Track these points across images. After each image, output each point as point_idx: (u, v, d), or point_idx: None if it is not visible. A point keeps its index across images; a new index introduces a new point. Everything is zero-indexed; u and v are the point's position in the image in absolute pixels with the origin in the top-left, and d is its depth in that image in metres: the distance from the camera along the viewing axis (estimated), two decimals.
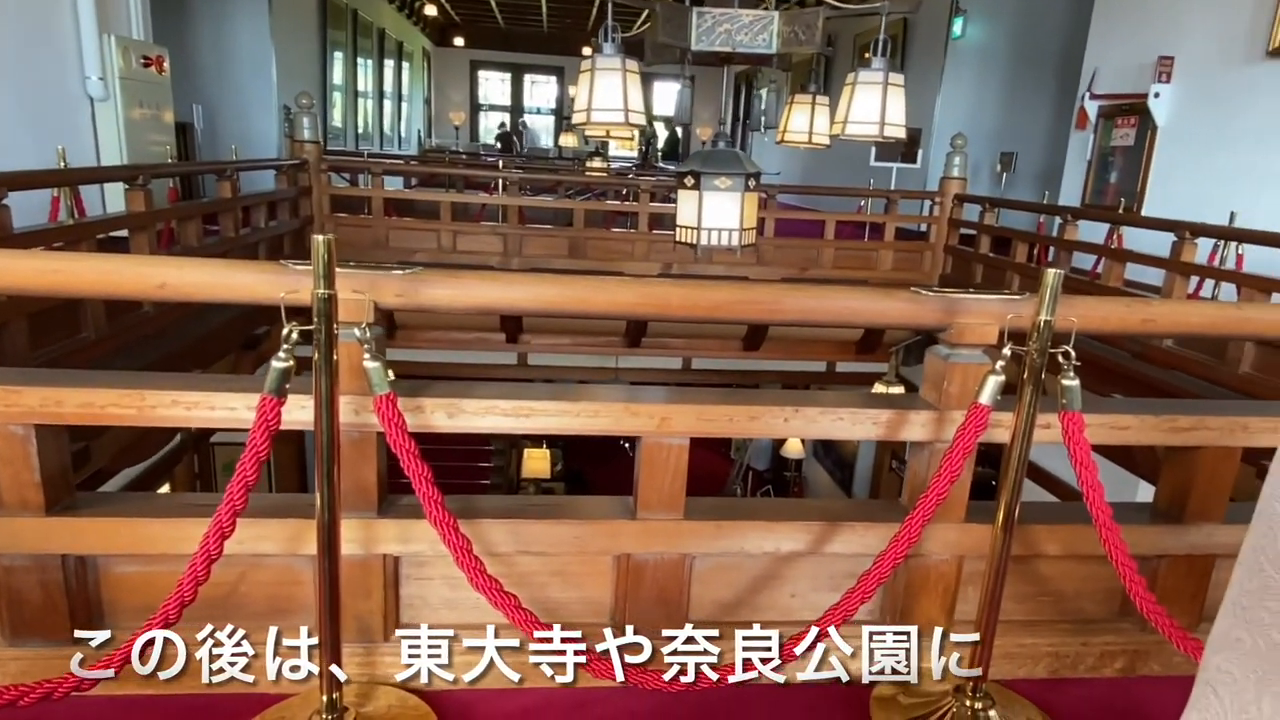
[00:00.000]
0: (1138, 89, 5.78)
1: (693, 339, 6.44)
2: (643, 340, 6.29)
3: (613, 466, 9.31)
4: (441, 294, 1.53)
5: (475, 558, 1.43)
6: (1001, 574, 1.58)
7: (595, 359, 6.74)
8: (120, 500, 1.70)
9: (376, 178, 6.25)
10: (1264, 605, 0.47)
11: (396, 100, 13.03)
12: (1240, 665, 0.48)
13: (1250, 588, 0.48)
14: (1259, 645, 0.47)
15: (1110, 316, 1.64)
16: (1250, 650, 0.47)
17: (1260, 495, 0.48)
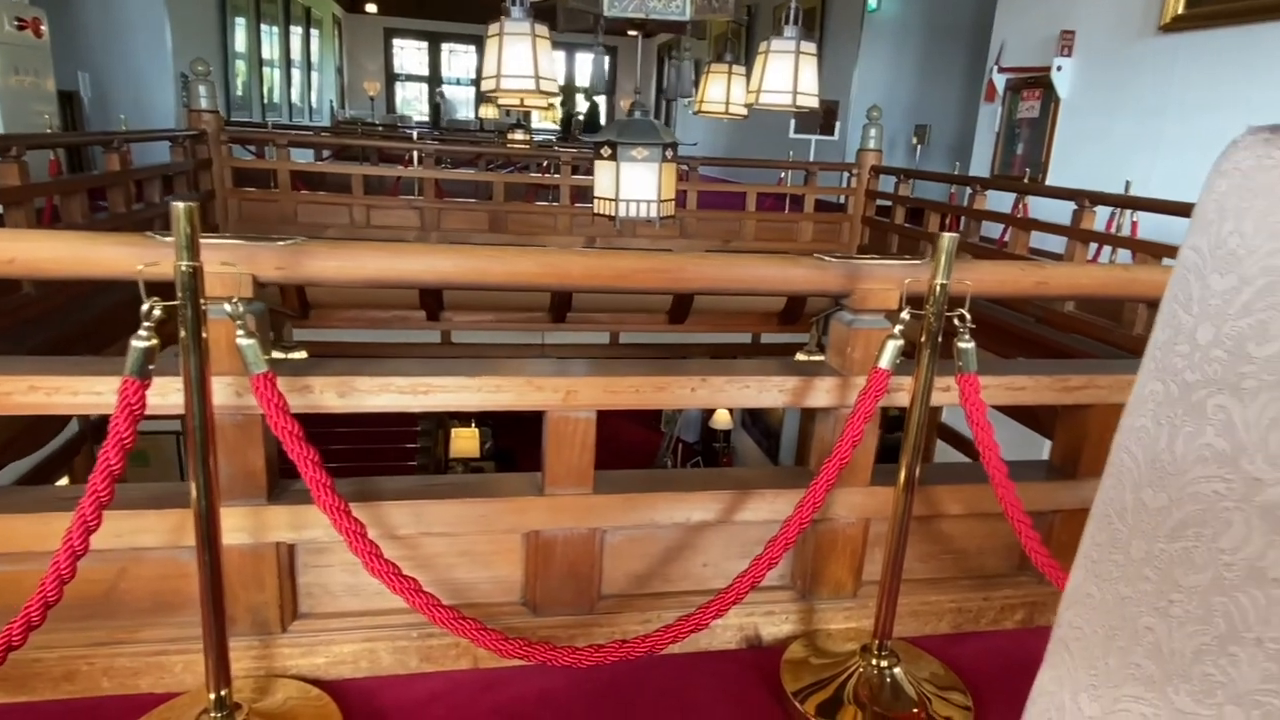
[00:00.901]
0: (1042, 62, 5.95)
1: (619, 313, 6.41)
2: (568, 315, 6.22)
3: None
4: (326, 266, 1.45)
5: (370, 542, 1.37)
6: (904, 535, 1.61)
7: (521, 335, 6.64)
8: None
9: (282, 150, 5.97)
10: (1111, 559, 0.46)
11: (305, 69, 12.44)
12: (1089, 620, 0.47)
13: (1100, 540, 0.48)
14: (1107, 599, 0.46)
15: (1005, 280, 1.68)
16: (1099, 605, 0.47)
17: (1111, 448, 0.48)
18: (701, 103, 4.40)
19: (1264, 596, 0.39)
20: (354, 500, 1.57)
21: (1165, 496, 0.43)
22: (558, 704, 1.62)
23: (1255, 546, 0.40)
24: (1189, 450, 0.42)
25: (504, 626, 1.71)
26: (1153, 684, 0.43)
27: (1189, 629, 0.42)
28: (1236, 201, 0.41)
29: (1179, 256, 0.45)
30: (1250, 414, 0.40)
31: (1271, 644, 0.39)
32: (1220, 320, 0.41)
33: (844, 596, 1.86)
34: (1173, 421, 0.43)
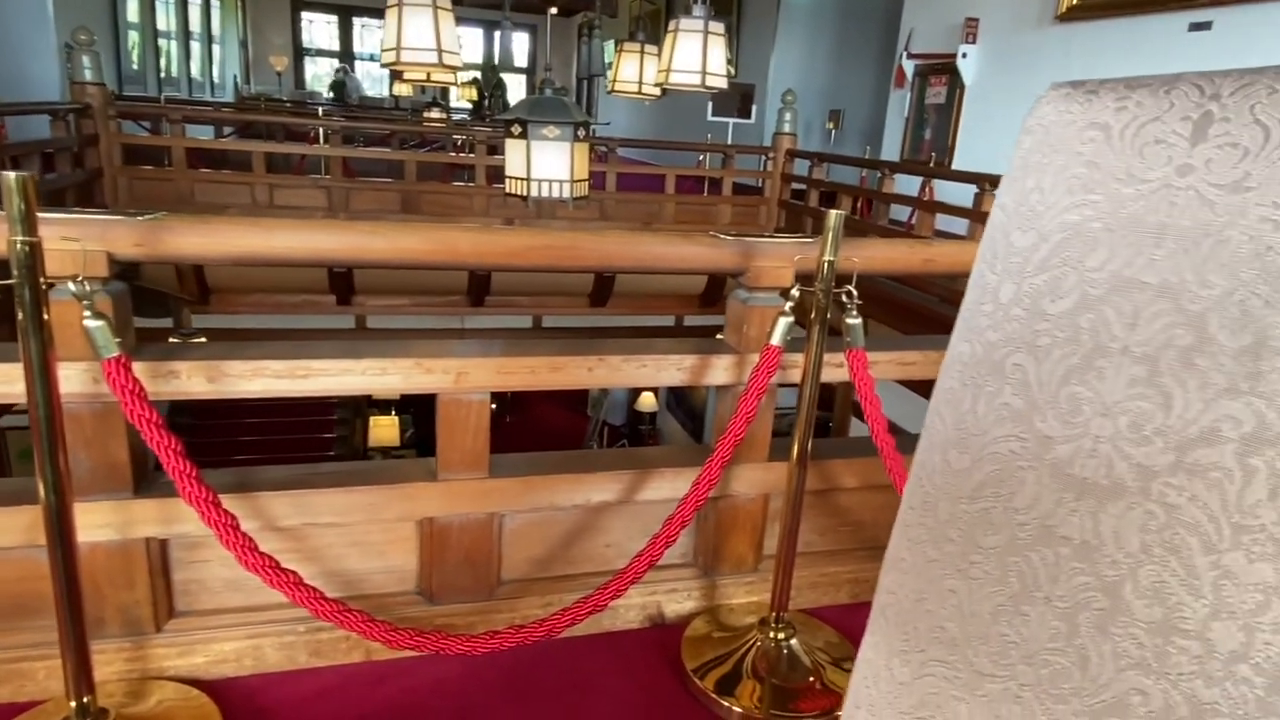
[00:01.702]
0: (948, 49, 6.12)
1: (541, 296, 6.34)
2: (487, 299, 6.11)
3: None
4: (190, 243, 1.36)
5: (243, 535, 1.30)
6: (798, 508, 1.63)
7: (441, 320, 6.49)
8: None
9: (176, 125, 5.64)
10: (922, 522, 0.46)
11: (206, 42, 11.76)
12: (902, 585, 0.47)
13: (913, 504, 0.47)
14: (917, 563, 0.46)
15: (894, 257, 1.71)
16: (910, 569, 0.47)
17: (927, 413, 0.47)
18: (615, 82, 4.35)
19: (1053, 555, 0.39)
20: (231, 491, 1.49)
21: (968, 458, 0.43)
22: (454, 693, 1.59)
23: (1045, 505, 0.40)
24: (989, 410, 0.42)
25: (399, 617, 1.67)
26: (955, 646, 0.43)
27: (987, 590, 0.42)
28: (1039, 157, 0.41)
29: (990, 217, 0.44)
30: (1044, 371, 0.40)
31: (1059, 602, 0.39)
32: (1020, 278, 0.41)
33: (745, 571, 1.88)
34: (976, 382, 0.43)
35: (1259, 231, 0.34)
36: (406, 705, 1.55)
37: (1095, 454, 0.38)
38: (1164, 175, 0.36)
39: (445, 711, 1.54)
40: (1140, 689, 0.36)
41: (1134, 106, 0.38)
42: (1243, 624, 0.34)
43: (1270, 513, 0.33)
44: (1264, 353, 0.33)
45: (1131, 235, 0.37)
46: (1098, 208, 0.38)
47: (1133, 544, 0.36)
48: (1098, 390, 0.38)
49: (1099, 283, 0.38)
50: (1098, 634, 0.37)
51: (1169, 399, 0.36)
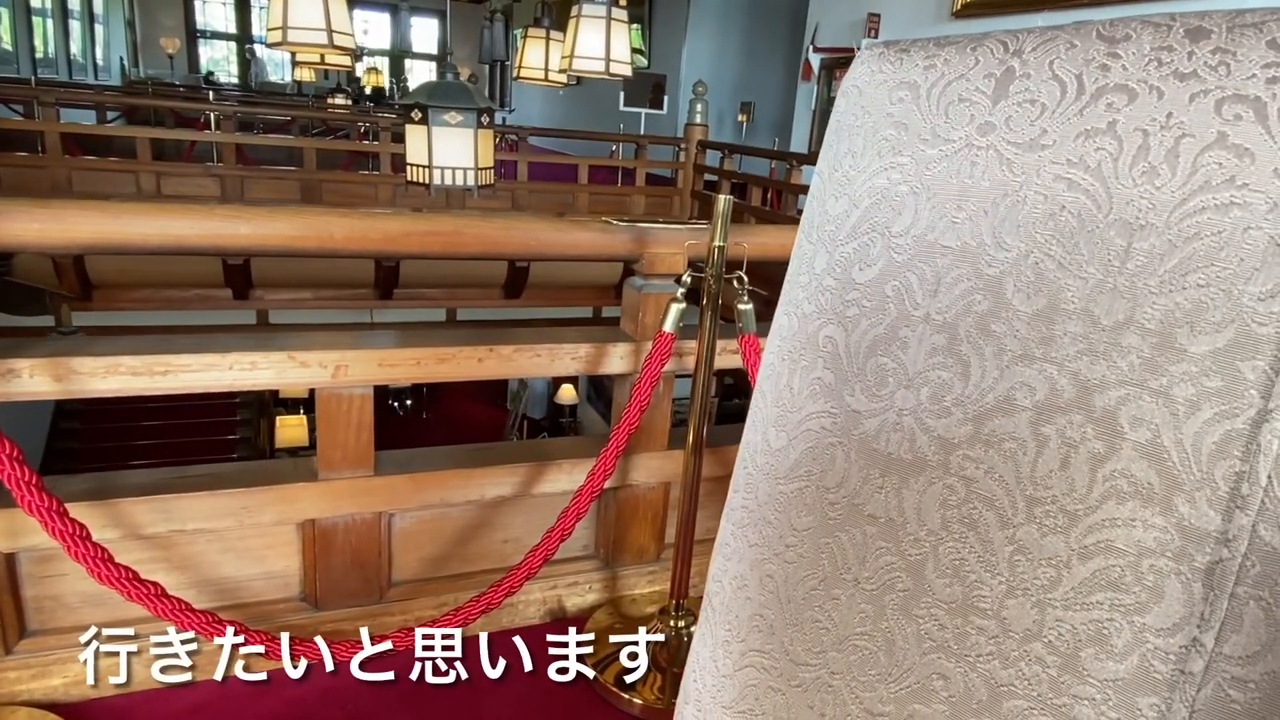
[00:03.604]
0: (852, 43, 6.26)
1: (452, 288, 6.17)
2: (396, 291, 5.92)
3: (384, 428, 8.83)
4: (28, 229, 1.24)
5: (94, 546, 1.20)
6: (695, 496, 1.62)
7: (347, 314, 6.26)
8: None
9: (49, 109, 5.25)
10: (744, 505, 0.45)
11: (87, 21, 10.98)
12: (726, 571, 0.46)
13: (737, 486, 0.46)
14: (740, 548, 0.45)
15: (786, 243, 1.71)
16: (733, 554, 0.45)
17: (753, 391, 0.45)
18: (520, 68, 4.27)
19: (861, 534, 0.38)
20: (87, 499, 1.38)
21: (785, 436, 0.41)
22: (342, 701, 1.52)
23: (854, 483, 0.38)
24: (804, 385, 0.40)
25: (280, 625, 1.58)
26: (773, 633, 0.41)
27: (802, 573, 0.40)
28: (852, 119, 0.39)
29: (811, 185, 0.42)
30: (852, 342, 0.38)
31: (867, 584, 0.38)
32: (833, 246, 0.39)
33: (647, 561, 1.87)
34: (793, 357, 0.41)
35: (1053, 190, 0.33)
36: (292, 717, 1.47)
37: (899, 427, 0.36)
38: (966, 135, 0.35)
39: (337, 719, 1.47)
40: (941, 672, 0.35)
41: (941, 64, 0.36)
42: (1035, 600, 0.33)
43: (1061, 483, 0.32)
44: (1056, 316, 0.32)
45: (935, 198, 0.36)
46: (904, 170, 0.36)
47: (934, 520, 0.35)
48: (901, 361, 0.36)
49: (904, 248, 0.36)
50: (902, 616, 0.36)
51: (967, 368, 0.34)
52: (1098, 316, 0.31)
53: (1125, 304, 0.31)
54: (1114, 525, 0.30)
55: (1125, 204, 0.31)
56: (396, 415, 9.87)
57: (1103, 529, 0.31)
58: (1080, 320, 0.31)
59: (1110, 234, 0.31)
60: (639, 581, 1.86)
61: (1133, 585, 0.30)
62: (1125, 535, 0.30)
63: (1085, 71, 0.33)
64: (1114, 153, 0.31)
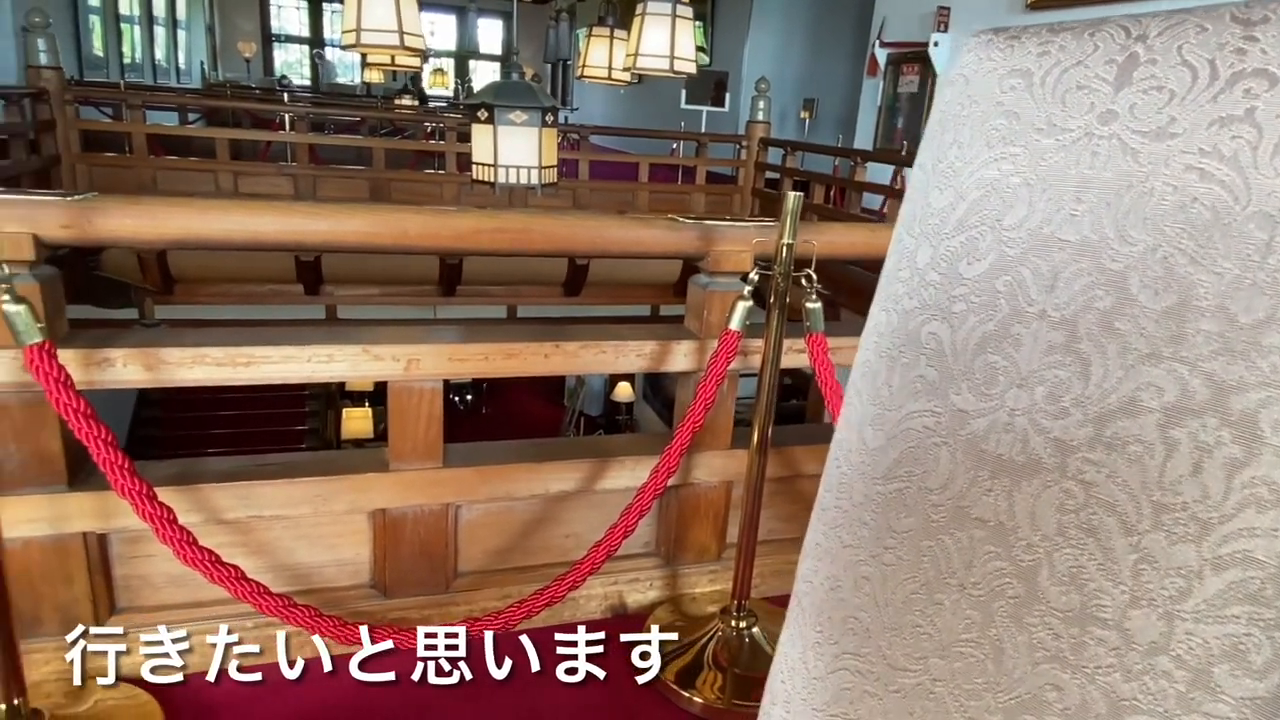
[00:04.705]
0: (920, 38, 6.11)
1: (514, 285, 6.25)
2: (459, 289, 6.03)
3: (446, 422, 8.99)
4: (122, 224, 1.30)
5: (180, 529, 1.25)
6: (759, 496, 1.60)
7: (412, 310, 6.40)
8: None
9: (136, 111, 5.50)
10: (837, 505, 0.43)
11: (171, 27, 11.49)
12: (818, 571, 0.44)
13: (829, 485, 0.45)
14: (832, 548, 0.43)
15: (856, 241, 1.69)
16: (825, 554, 0.44)
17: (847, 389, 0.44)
18: (584, 68, 4.29)
19: (967, 538, 0.36)
20: (173, 483, 1.44)
21: (883, 435, 0.40)
22: (407, 687, 1.54)
23: (960, 485, 0.37)
24: (904, 383, 0.39)
25: (352, 610, 1.63)
26: (869, 637, 0.40)
27: (901, 577, 0.39)
28: (958, 109, 0.38)
29: (911, 178, 0.41)
30: (959, 339, 0.37)
31: (974, 590, 0.36)
32: (937, 240, 0.38)
33: (708, 560, 1.86)
34: (891, 354, 0.40)
35: (1183, 182, 0.31)
36: (359, 701, 1.51)
37: (1011, 428, 0.35)
38: (1086, 124, 0.33)
39: (400, 707, 1.50)
40: (1056, 683, 0.33)
41: (1057, 51, 0.35)
42: (1163, 612, 0.31)
43: (1193, 489, 0.30)
44: (1188, 314, 0.31)
45: (1051, 190, 0.34)
46: (1017, 161, 0.35)
47: (1049, 525, 0.34)
48: (1014, 359, 0.35)
49: (1016, 242, 0.35)
50: (1012, 624, 0.35)
51: (1087, 367, 0.33)
52: (1235, 314, 0.29)
53: (1267, 301, 0.29)
54: (1253, 535, 0.29)
55: (1266, 196, 0.29)
56: (457, 410, 10.05)
57: (1240, 539, 0.29)
58: (1215, 318, 0.30)
59: (1249, 227, 0.29)
60: (699, 580, 1.86)
61: (1274, 599, 0.28)
62: (1266, 546, 0.28)
63: (1219, 56, 0.31)
64: (1252, 141, 0.30)
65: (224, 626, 1.54)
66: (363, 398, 9.16)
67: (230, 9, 12.97)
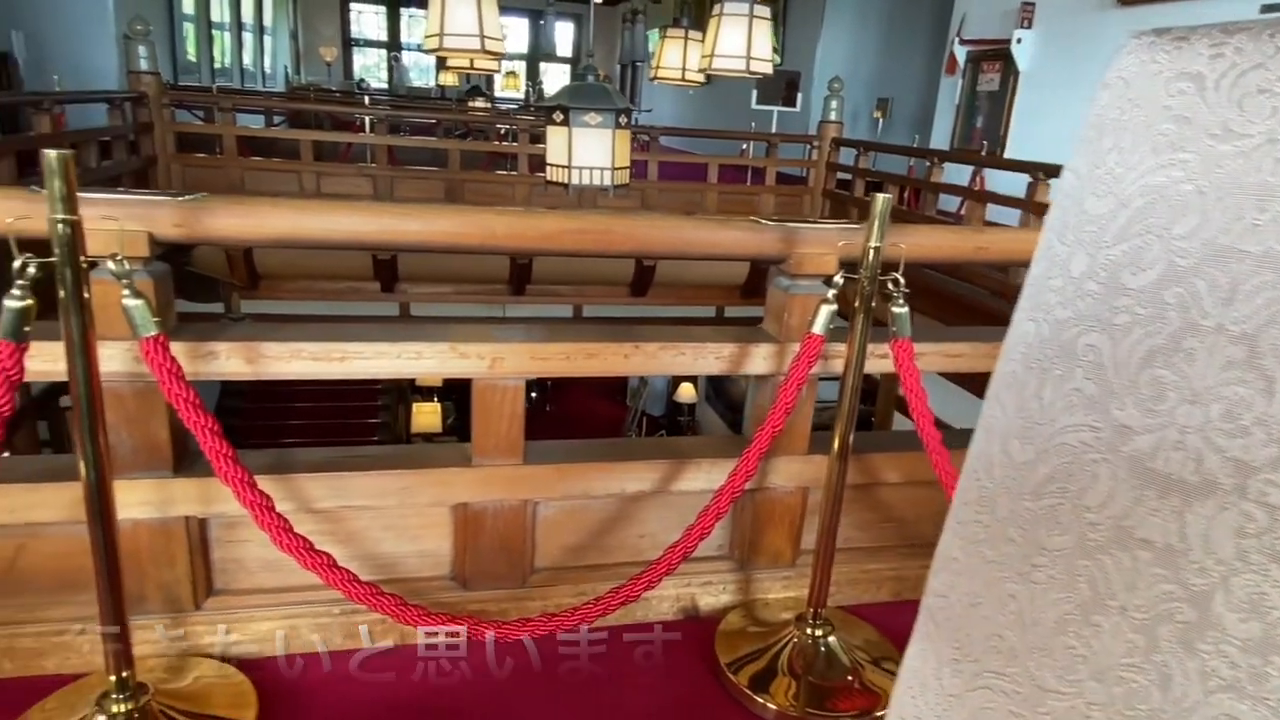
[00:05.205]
0: (1002, 35, 5.93)
1: (581, 285, 6.32)
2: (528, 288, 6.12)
3: None
4: (229, 224, 1.36)
5: (278, 516, 1.30)
6: (838, 503, 1.58)
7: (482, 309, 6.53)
8: None
9: (227, 114, 5.75)
10: (978, 519, 0.42)
11: (257, 33, 11.99)
12: (954, 587, 0.43)
13: (967, 499, 0.43)
14: (972, 564, 0.42)
15: (942, 244, 1.64)
16: (963, 570, 0.43)
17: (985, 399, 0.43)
18: (658, 69, 4.31)
19: (1129, 559, 0.35)
20: (267, 472, 1.50)
21: (1032, 449, 0.39)
22: (485, 678, 1.58)
23: (1122, 503, 0.35)
24: (1058, 396, 0.38)
25: (433, 601, 1.66)
26: (1014, 657, 0.39)
27: (1052, 596, 0.38)
28: (1118, 114, 0.36)
29: (1058, 183, 0.40)
30: (1121, 352, 0.35)
31: (1137, 613, 0.35)
32: (1095, 249, 0.36)
33: (782, 565, 1.84)
34: (1043, 365, 0.39)
35: None
36: (438, 689, 1.55)
37: (1182, 446, 0.33)
38: (1268, 129, 0.32)
39: (478, 697, 1.53)
40: (1233, 715, 0.32)
41: (1232, 53, 0.33)
42: None
43: None
44: None
45: (1229, 198, 0.32)
46: (1188, 168, 0.34)
47: (1226, 549, 0.32)
48: (1185, 374, 0.33)
49: (1189, 252, 0.33)
50: (1182, 650, 0.33)
51: (1271, 384, 0.31)
52: None
53: None
54: None
55: None
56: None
57: None
58: None
59: None
60: (773, 585, 1.84)
61: None
62: None
63: None
64: None
65: (313, 611, 1.61)
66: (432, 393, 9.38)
67: (313, 15, 13.45)
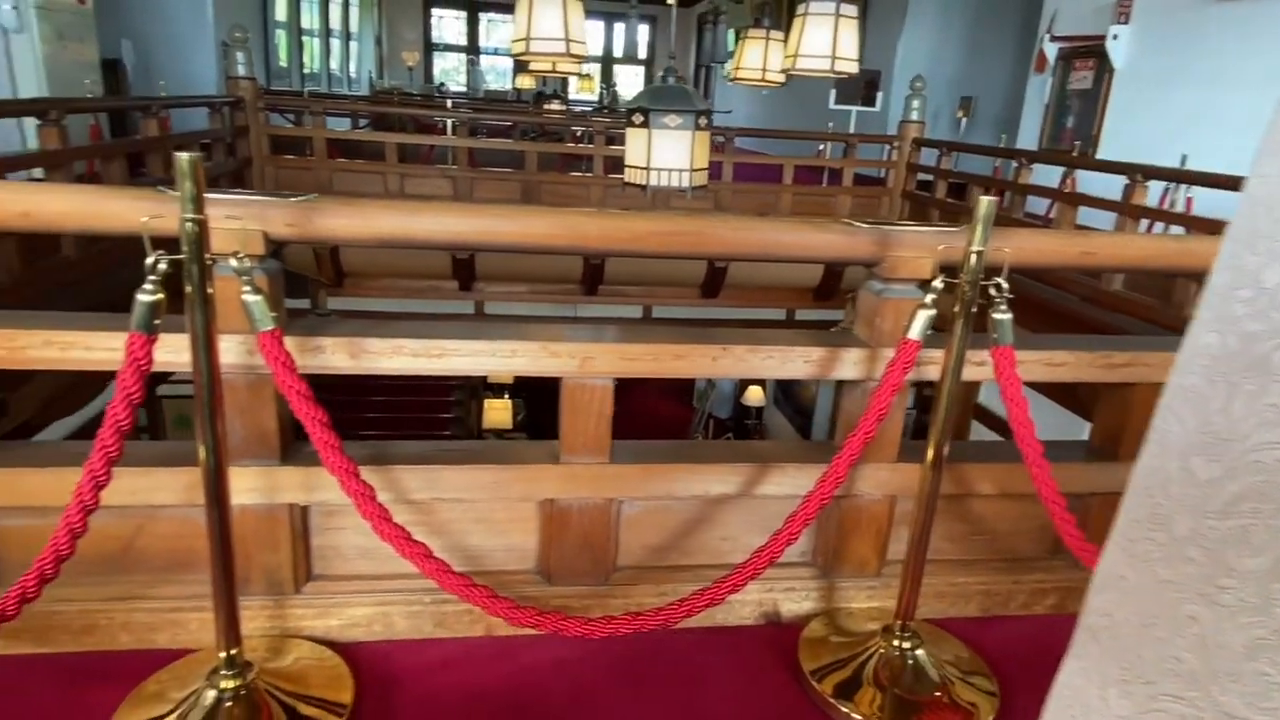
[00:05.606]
0: (1096, 31, 5.69)
1: (651, 286, 6.35)
2: (600, 288, 6.18)
3: None
4: (338, 224, 1.41)
5: (379, 505, 1.35)
6: (930, 513, 1.54)
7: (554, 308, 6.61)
8: (2, 450, 1.57)
9: (317, 117, 5.97)
10: (1150, 537, 0.40)
11: (344, 39, 12.44)
12: (1122, 607, 0.42)
13: (1137, 517, 0.42)
14: (1143, 583, 0.41)
15: (1046, 249, 1.59)
16: (1134, 589, 0.41)
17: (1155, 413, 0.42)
18: (737, 70, 4.29)
19: None
20: (367, 464, 1.55)
21: (1219, 466, 0.37)
22: (570, 674, 1.60)
23: None
24: (1250, 412, 0.36)
25: (518, 595, 1.69)
26: (1195, 681, 0.37)
27: (1242, 620, 0.36)
28: None
29: (1245, 189, 0.38)
30: None
31: None
32: None
33: (867, 575, 1.81)
34: (1230, 379, 0.37)
35: None
36: (524, 682, 1.57)
37: None
38: None
39: (561, 691, 1.56)
40: None
41: None
42: None
43: None
44: None
45: None
46: None
47: None
48: None
49: None
50: None
51: None
52: None
53: None
54: None
55: None
56: None
57: None
58: None
59: None
60: (857, 595, 1.81)
61: None
62: None
63: None
64: None
65: (404, 599, 1.66)
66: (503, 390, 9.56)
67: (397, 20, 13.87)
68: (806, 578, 1.81)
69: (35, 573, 1.29)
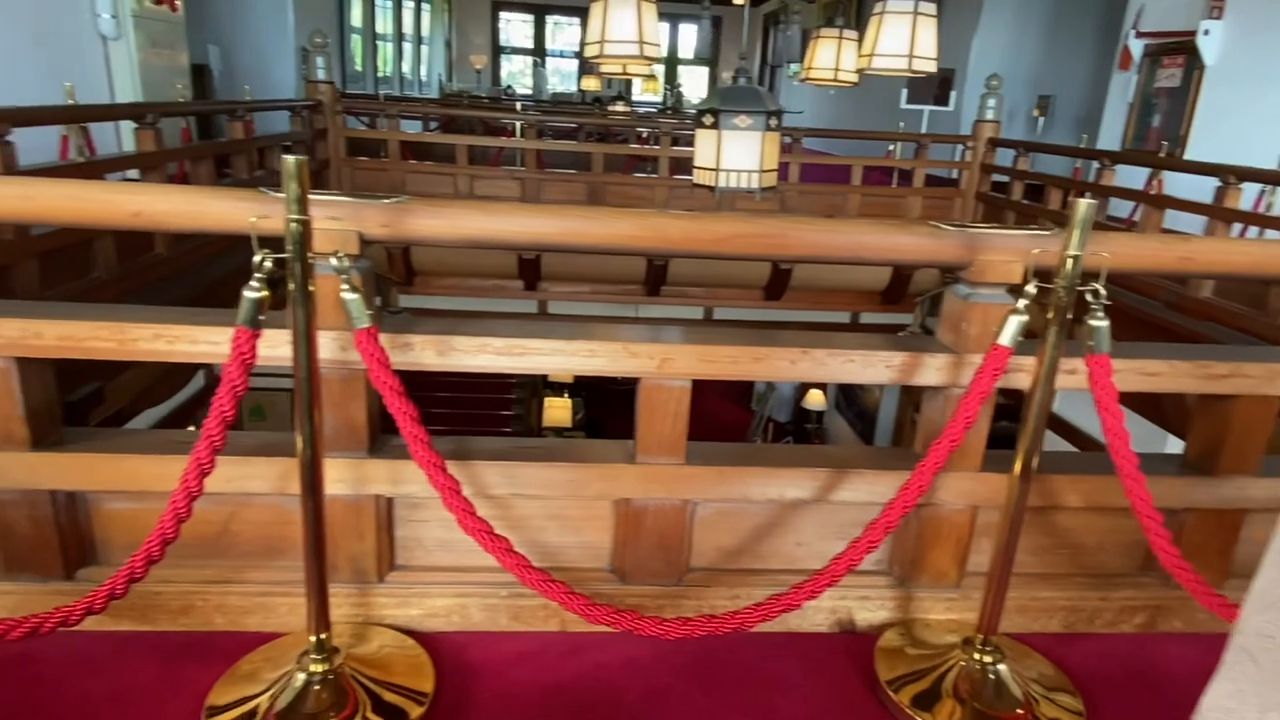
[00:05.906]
0: (1186, 26, 5.45)
1: (714, 288, 6.33)
2: (663, 289, 6.19)
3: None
4: (428, 224, 1.45)
5: (464, 499, 1.38)
6: (1017, 525, 1.50)
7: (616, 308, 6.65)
8: (107, 437, 1.66)
9: (392, 120, 6.14)
10: None
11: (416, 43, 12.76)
12: None
13: None
14: None
15: (1145, 253, 1.53)
16: None
17: None
18: (809, 70, 4.24)
19: None
20: (449, 458, 1.58)
21: None
22: (643, 673, 1.61)
23: None
24: None
25: (592, 592, 1.70)
26: None
27: None
28: None
29: None
30: None
31: None
32: None
33: (946, 586, 1.77)
34: None
35: None
36: (598, 679, 1.59)
37: None
38: None
39: (634, 690, 1.56)
40: None
41: None
42: None
43: None
44: None
45: None
46: None
47: None
48: None
49: None
50: None
51: None
52: None
53: None
54: None
55: None
56: None
57: None
58: None
59: None
60: (935, 606, 1.77)
61: None
62: None
63: None
64: None
65: (482, 592, 1.69)
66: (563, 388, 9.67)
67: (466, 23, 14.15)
68: (882, 586, 1.79)
69: (143, 554, 1.36)
